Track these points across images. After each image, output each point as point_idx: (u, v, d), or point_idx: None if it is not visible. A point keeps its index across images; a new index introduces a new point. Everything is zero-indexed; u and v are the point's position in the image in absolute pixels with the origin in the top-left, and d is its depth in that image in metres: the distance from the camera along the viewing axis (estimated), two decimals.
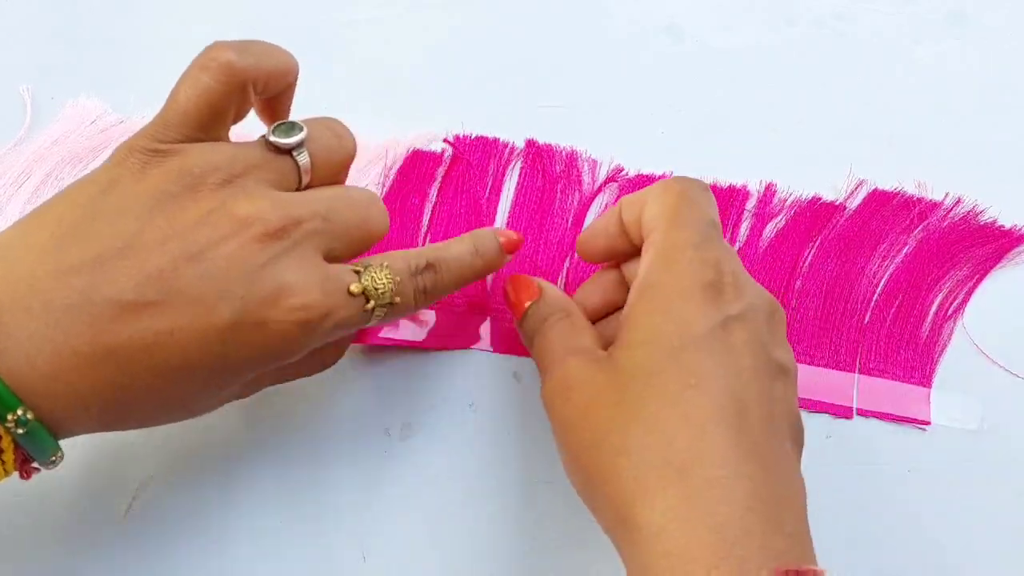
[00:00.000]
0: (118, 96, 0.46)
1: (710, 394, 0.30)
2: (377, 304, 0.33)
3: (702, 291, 0.32)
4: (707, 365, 0.30)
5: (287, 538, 0.38)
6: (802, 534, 0.29)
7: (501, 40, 0.50)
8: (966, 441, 0.42)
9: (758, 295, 0.33)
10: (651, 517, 0.29)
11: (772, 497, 0.28)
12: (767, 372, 0.31)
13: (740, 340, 0.31)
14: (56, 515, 0.37)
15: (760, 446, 0.29)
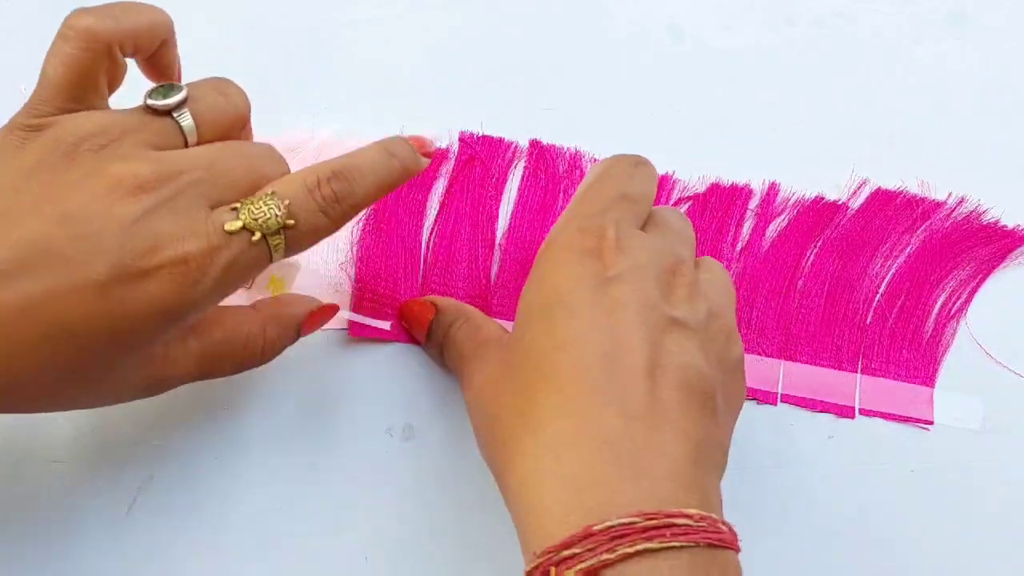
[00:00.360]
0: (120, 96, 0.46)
1: (573, 354, 0.29)
2: (265, 234, 0.31)
3: (578, 257, 0.32)
4: (573, 326, 0.30)
5: (288, 538, 0.38)
6: (681, 471, 0.28)
7: (501, 40, 0.50)
8: (969, 441, 0.42)
9: (652, 258, 0.32)
10: (513, 478, 0.29)
11: (633, 445, 0.28)
12: (651, 326, 0.30)
13: (617, 299, 0.30)
14: (58, 514, 0.37)
15: (627, 396, 0.29)
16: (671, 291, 0.32)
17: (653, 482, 0.27)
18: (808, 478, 0.41)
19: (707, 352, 0.31)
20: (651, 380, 0.29)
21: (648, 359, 0.29)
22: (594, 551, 0.26)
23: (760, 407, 0.42)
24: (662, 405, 0.29)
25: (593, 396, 0.29)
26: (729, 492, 0.40)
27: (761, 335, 0.43)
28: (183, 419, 0.39)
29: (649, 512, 0.26)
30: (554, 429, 0.28)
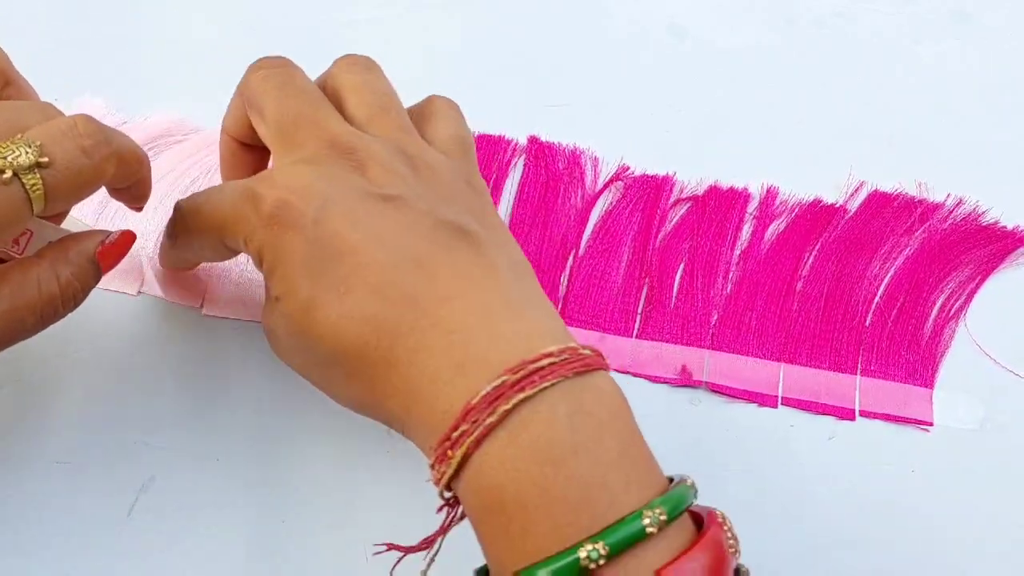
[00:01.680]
0: (121, 96, 0.46)
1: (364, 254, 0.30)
2: (16, 170, 0.29)
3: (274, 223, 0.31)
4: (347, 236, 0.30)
5: (289, 538, 0.38)
6: (518, 322, 0.29)
7: (501, 40, 0.50)
8: (969, 442, 0.42)
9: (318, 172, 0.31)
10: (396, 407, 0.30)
11: (467, 313, 0.29)
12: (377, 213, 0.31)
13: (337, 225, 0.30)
14: (60, 515, 0.37)
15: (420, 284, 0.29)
16: (364, 173, 0.32)
17: (509, 339, 0.29)
18: (808, 479, 0.41)
19: (436, 200, 0.32)
20: (432, 248, 0.30)
21: (406, 237, 0.30)
22: (477, 421, 0.27)
23: (760, 409, 0.42)
24: (465, 264, 0.30)
25: (405, 292, 0.29)
26: (730, 492, 0.40)
27: (761, 338, 0.43)
28: (184, 420, 0.39)
29: (513, 366, 0.27)
30: (398, 347, 0.29)
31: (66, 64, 0.47)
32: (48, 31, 0.48)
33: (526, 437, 0.27)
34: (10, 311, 0.32)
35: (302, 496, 0.39)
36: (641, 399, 0.42)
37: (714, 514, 0.29)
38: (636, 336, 0.43)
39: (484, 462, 0.27)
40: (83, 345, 0.40)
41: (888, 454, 0.41)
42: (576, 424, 0.27)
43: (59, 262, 0.33)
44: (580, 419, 0.27)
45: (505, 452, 0.27)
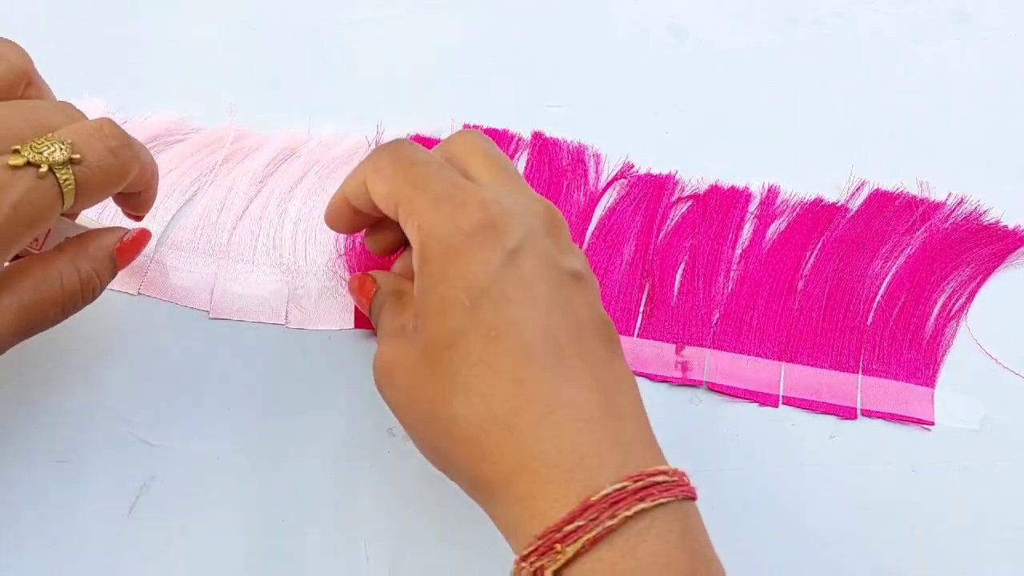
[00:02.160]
0: (121, 96, 0.46)
1: (513, 339, 0.29)
2: (52, 165, 0.30)
3: (475, 236, 0.31)
4: (502, 312, 0.30)
5: (289, 537, 0.38)
6: (641, 428, 0.30)
7: (502, 41, 0.50)
8: (970, 441, 0.42)
9: (529, 211, 0.32)
10: (496, 472, 0.29)
11: (599, 411, 0.29)
12: (564, 287, 0.31)
13: (529, 269, 0.30)
14: (60, 514, 0.37)
15: (576, 367, 0.29)
16: (557, 241, 0.32)
17: (626, 446, 0.29)
18: (809, 478, 0.41)
19: (597, 292, 0.32)
20: (580, 342, 0.30)
21: (573, 324, 0.30)
22: (597, 519, 0.27)
23: (761, 409, 0.42)
24: (602, 363, 0.30)
25: (553, 377, 0.29)
26: (730, 492, 0.40)
27: (762, 337, 0.43)
28: (185, 420, 0.39)
29: (634, 475, 0.27)
30: (528, 420, 0.29)
31: (66, 64, 0.47)
32: (48, 31, 0.48)
33: (644, 550, 0.27)
34: (33, 304, 0.33)
35: (302, 496, 0.38)
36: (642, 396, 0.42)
37: None
38: (637, 335, 0.43)
39: (596, 567, 0.27)
40: (83, 345, 0.40)
41: (888, 453, 0.41)
42: (688, 544, 0.27)
43: (79, 257, 0.34)
44: (691, 541, 0.28)
45: (621, 562, 0.27)
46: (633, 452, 0.29)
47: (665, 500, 0.27)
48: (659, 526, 0.27)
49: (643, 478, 0.27)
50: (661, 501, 0.27)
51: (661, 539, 0.27)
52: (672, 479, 0.28)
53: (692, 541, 0.28)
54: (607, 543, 0.27)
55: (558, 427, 0.28)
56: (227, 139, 0.45)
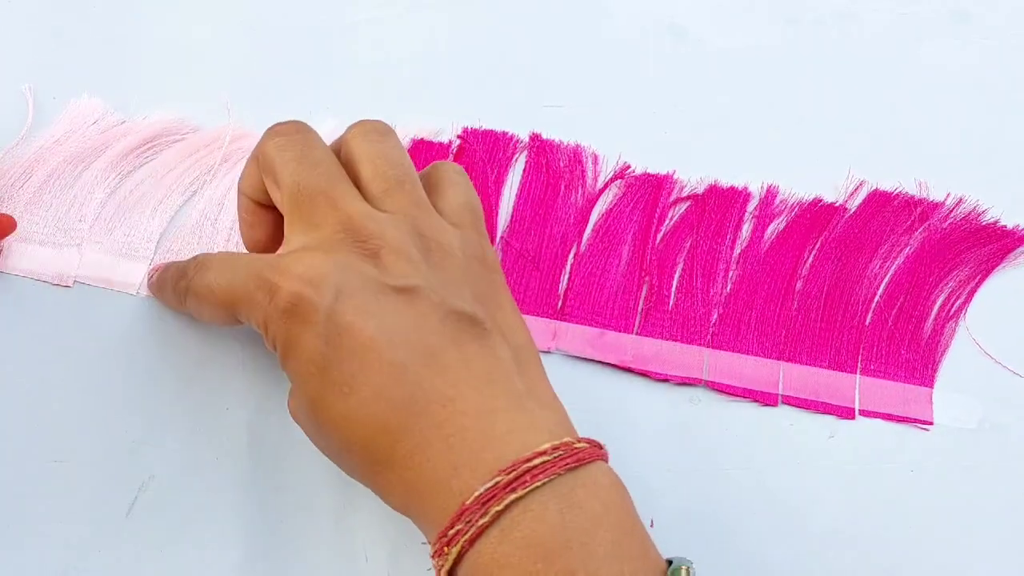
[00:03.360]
0: (120, 96, 0.46)
1: (364, 391, 0.30)
2: None
3: (293, 317, 0.31)
4: (346, 368, 0.30)
5: (289, 537, 0.38)
6: (522, 411, 0.30)
7: (501, 41, 0.50)
8: (969, 441, 0.42)
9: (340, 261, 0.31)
10: (398, 504, 0.31)
11: (465, 417, 0.30)
12: (393, 313, 0.31)
13: (352, 318, 0.30)
14: (59, 513, 0.37)
15: (434, 384, 0.30)
16: (380, 262, 0.32)
17: (502, 439, 0.29)
18: (808, 478, 0.41)
19: (447, 288, 0.32)
20: (433, 359, 0.30)
21: (415, 343, 0.30)
22: (471, 521, 0.28)
23: (760, 408, 0.42)
24: (461, 369, 0.30)
25: (408, 407, 0.30)
26: (730, 492, 0.40)
27: (760, 337, 0.43)
28: (184, 419, 0.39)
29: (506, 467, 0.28)
30: (397, 454, 0.30)
31: (67, 64, 0.47)
32: (49, 31, 0.48)
33: (518, 534, 0.28)
34: None
35: (301, 496, 0.38)
36: (641, 397, 0.42)
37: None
38: (636, 333, 0.43)
39: (478, 560, 0.28)
40: (83, 344, 0.40)
41: (887, 453, 0.41)
42: (568, 519, 0.28)
43: None
44: (572, 514, 0.28)
45: (498, 549, 0.28)
46: (508, 443, 0.29)
47: (541, 482, 0.28)
48: (535, 508, 0.28)
49: (516, 467, 0.28)
50: (535, 485, 0.28)
51: (536, 520, 0.28)
52: (551, 457, 0.29)
53: (576, 512, 0.28)
54: (485, 537, 0.28)
55: (428, 448, 0.30)
56: (225, 139, 0.45)
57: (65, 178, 0.43)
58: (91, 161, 0.44)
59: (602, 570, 0.28)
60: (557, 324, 0.43)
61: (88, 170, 0.44)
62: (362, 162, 0.35)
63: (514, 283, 0.44)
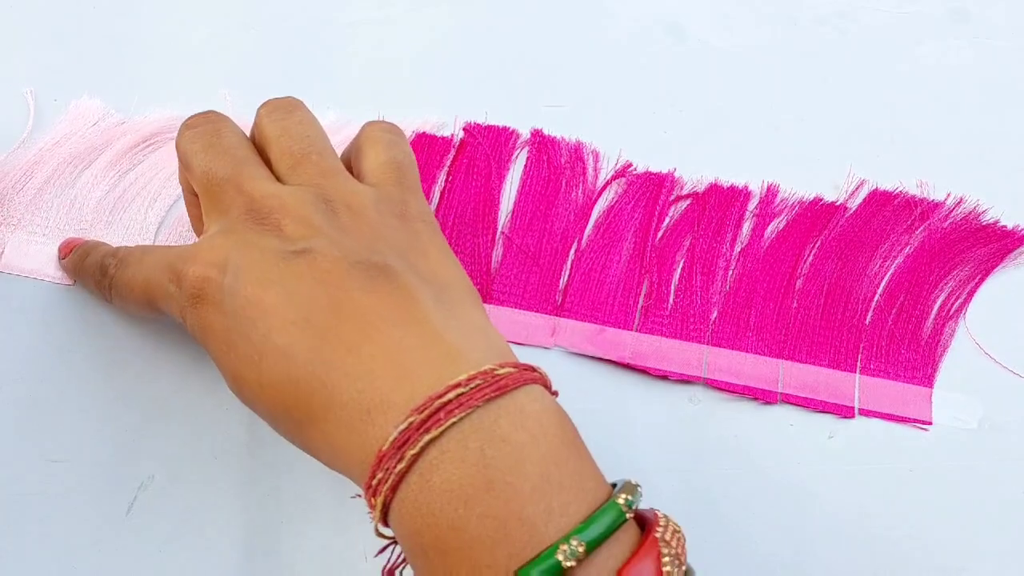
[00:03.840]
0: (120, 96, 0.46)
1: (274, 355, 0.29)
2: None
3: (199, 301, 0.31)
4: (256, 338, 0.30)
5: (288, 537, 0.38)
6: (430, 343, 0.29)
7: (501, 41, 0.50)
8: (968, 441, 0.42)
9: (238, 240, 0.32)
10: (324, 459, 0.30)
11: (370, 361, 0.28)
12: (289, 276, 0.30)
13: (249, 292, 0.30)
14: (59, 513, 0.37)
15: (340, 334, 0.29)
16: (278, 228, 0.32)
17: (412, 376, 0.28)
18: (808, 478, 0.41)
19: (355, 243, 0.31)
20: (336, 310, 0.29)
21: (318, 298, 0.30)
22: (389, 468, 0.27)
23: (760, 407, 0.42)
24: (367, 315, 0.29)
25: (313, 362, 0.29)
26: (729, 492, 0.40)
27: (760, 335, 0.43)
28: (184, 419, 0.39)
29: (419, 405, 0.27)
30: (304, 410, 0.29)
31: (68, 65, 0.47)
32: (49, 32, 0.48)
33: (437, 479, 0.26)
34: None
35: (301, 496, 0.39)
36: (641, 395, 0.42)
37: (656, 522, 0.28)
38: (636, 330, 0.43)
39: (402, 509, 0.27)
40: (82, 344, 0.40)
41: (887, 453, 0.41)
42: (488, 457, 0.26)
43: None
44: (494, 450, 0.26)
45: (419, 497, 0.27)
46: (420, 379, 0.28)
47: (456, 418, 0.26)
48: (453, 448, 0.26)
49: (429, 404, 0.27)
50: (451, 422, 0.26)
51: (456, 460, 0.26)
52: (468, 388, 0.27)
53: (499, 446, 0.26)
54: (404, 484, 0.27)
55: (340, 397, 0.28)
56: None
57: (65, 178, 0.43)
58: (91, 161, 0.44)
59: (526, 509, 0.26)
60: (557, 320, 0.43)
61: (88, 169, 0.44)
62: (269, 142, 0.35)
63: (514, 279, 0.44)
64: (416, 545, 0.27)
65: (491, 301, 0.43)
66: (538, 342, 0.43)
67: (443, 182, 0.46)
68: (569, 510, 0.26)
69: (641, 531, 0.28)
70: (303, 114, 0.36)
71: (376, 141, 0.36)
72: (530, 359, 0.42)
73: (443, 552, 0.26)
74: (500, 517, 0.26)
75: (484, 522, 0.26)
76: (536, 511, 0.26)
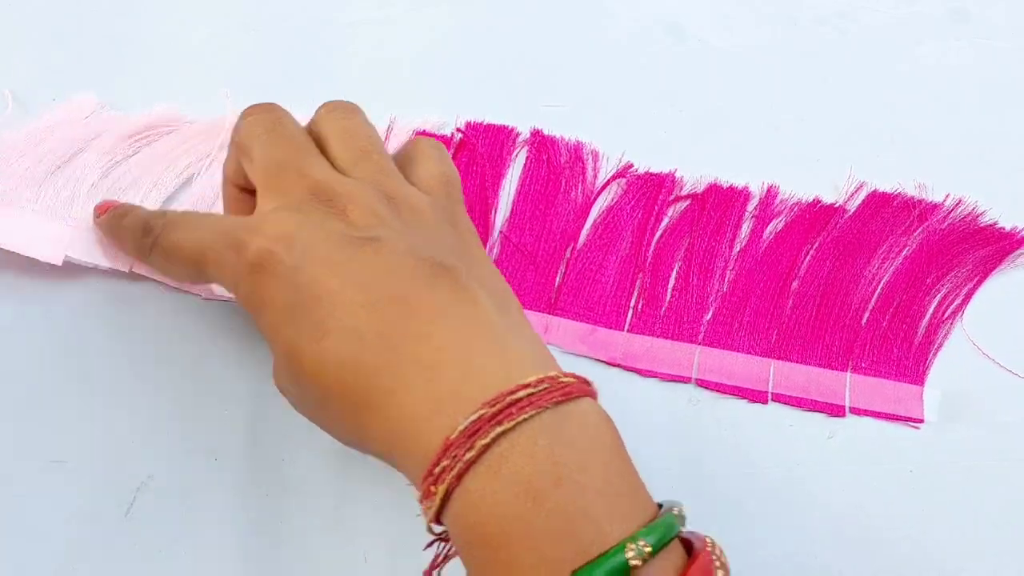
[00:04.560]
0: (120, 96, 0.46)
1: (336, 335, 0.30)
2: None
3: (258, 274, 0.31)
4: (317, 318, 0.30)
5: (287, 538, 0.38)
6: (502, 344, 0.30)
7: (501, 41, 0.50)
8: (967, 441, 0.42)
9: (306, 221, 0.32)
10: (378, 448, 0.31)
11: (442, 353, 0.29)
12: (357, 259, 0.31)
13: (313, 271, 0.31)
14: (57, 514, 0.37)
15: (403, 324, 0.29)
16: (346, 216, 0.32)
17: (481, 372, 0.29)
18: (807, 478, 0.41)
19: (416, 239, 0.32)
20: (399, 302, 0.30)
21: (382, 286, 0.30)
22: (457, 456, 0.27)
23: (759, 409, 0.42)
24: (431, 307, 0.30)
25: (381, 349, 0.29)
26: (729, 492, 0.40)
27: (753, 335, 0.43)
28: (183, 419, 0.39)
29: (490, 399, 0.28)
30: (374, 398, 0.29)
31: (67, 65, 0.47)
32: (49, 32, 0.48)
33: (507, 470, 0.27)
34: None
35: (301, 495, 0.39)
36: (638, 395, 0.42)
37: (704, 540, 0.28)
38: (628, 330, 0.43)
39: (467, 498, 0.27)
40: (80, 343, 0.40)
41: (886, 453, 0.41)
42: (557, 455, 0.27)
43: None
44: (561, 450, 0.27)
45: (486, 487, 0.27)
46: (492, 375, 0.28)
47: (527, 415, 0.27)
48: (523, 442, 0.27)
49: (501, 399, 0.27)
50: (522, 418, 0.27)
51: (525, 454, 0.27)
52: (538, 390, 0.28)
53: (566, 448, 0.27)
54: (472, 473, 0.27)
55: (407, 384, 0.29)
56: (224, 127, 0.45)
57: (59, 157, 0.43)
58: (86, 144, 0.43)
59: (593, 507, 0.27)
60: (549, 318, 0.43)
61: (83, 152, 0.43)
62: (330, 137, 0.35)
63: (510, 277, 0.44)
64: (476, 536, 0.28)
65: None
66: None
67: None
68: (629, 514, 0.27)
69: (684, 549, 0.29)
70: (364, 117, 0.37)
71: (428, 155, 0.37)
72: None
73: (505, 544, 0.27)
74: (568, 513, 0.26)
75: (552, 516, 0.26)
76: (601, 511, 0.27)
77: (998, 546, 0.40)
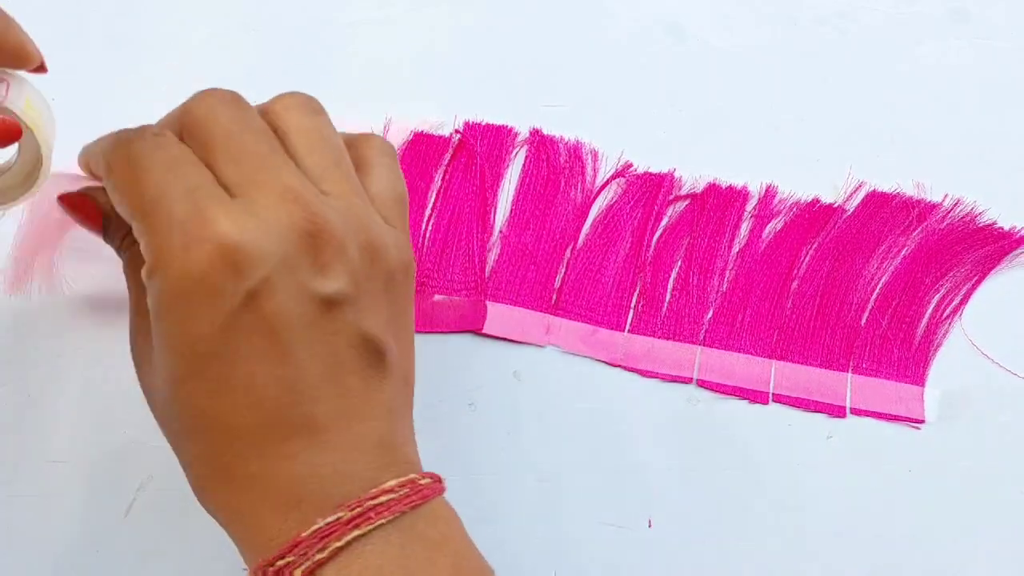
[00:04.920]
0: (120, 96, 0.46)
1: (240, 395, 0.28)
2: None
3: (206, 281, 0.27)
4: (230, 370, 0.28)
5: None
6: (383, 448, 0.30)
7: (501, 41, 0.50)
8: (968, 441, 0.42)
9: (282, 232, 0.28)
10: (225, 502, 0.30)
11: (330, 451, 0.29)
12: (315, 322, 0.28)
13: (271, 311, 0.28)
14: (57, 514, 0.37)
15: (310, 411, 0.28)
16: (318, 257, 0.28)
17: (352, 475, 0.29)
18: (807, 478, 0.41)
19: (370, 303, 0.30)
20: (330, 383, 0.29)
21: (321, 361, 0.29)
22: (307, 555, 0.27)
23: (759, 409, 0.42)
24: (349, 398, 0.29)
25: (271, 431, 0.28)
26: (729, 492, 0.40)
27: (753, 335, 0.43)
28: None
29: (352, 503, 0.28)
30: (239, 473, 0.29)
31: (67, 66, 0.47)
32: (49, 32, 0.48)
33: (356, 567, 0.27)
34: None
35: None
36: (638, 395, 0.42)
37: None
38: (628, 331, 0.43)
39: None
40: (81, 343, 0.40)
41: (886, 453, 0.41)
42: (408, 551, 0.28)
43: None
44: (412, 545, 0.28)
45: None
46: (359, 476, 0.29)
47: (385, 519, 0.28)
48: (376, 544, 0.28)
49: (361, 504, 0.28)
50: (379, 523, 0.28)
51: (377, 553, 0.28)
52: (398, 495, 0.28)
53: (416, 541, 0.28)
54: (321, 571, 0.27)
55: (276, 475, 0.28)
56: None
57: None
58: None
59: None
60: (551, 319, 0.43)
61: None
62: (295, 134, 0.31)
63: (510, 276, 0.44)
64: None
65: (486, 297, 0.43)
66: (532, 340, 0.43)
67: (439, 181, 0.46)
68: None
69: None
70: (329, 119, 0.33)
71: (382, 165, 0.33)
72: (527, 356, 0.42)
73: None
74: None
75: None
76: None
77: (998, 546, 0.40)
